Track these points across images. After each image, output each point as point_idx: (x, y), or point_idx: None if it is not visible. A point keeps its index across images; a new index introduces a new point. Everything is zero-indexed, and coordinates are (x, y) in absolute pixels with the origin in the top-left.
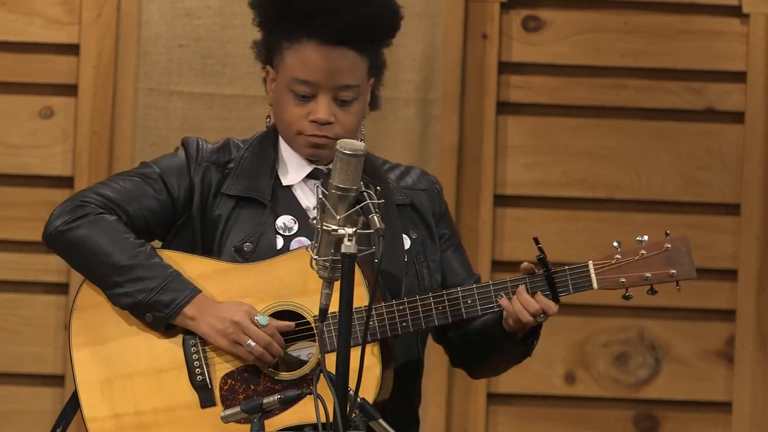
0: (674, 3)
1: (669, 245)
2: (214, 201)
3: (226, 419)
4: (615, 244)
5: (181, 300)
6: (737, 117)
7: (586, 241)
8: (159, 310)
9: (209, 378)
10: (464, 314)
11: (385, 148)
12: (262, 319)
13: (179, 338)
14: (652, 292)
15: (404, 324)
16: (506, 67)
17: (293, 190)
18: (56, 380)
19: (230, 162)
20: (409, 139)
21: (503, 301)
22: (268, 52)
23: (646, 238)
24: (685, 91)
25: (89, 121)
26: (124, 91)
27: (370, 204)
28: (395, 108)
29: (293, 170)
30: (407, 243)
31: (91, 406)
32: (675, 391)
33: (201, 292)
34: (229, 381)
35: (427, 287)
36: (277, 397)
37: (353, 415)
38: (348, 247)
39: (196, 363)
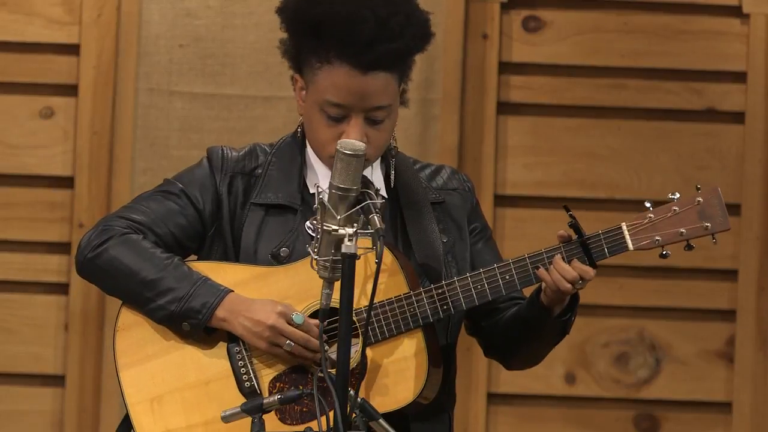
0: (674, 3)
1: (700, 199)
2: (242, 211)
3: (226, 419)
4: (647, 204)
5: (213, 303)
6: (737, 117)
7: None
8: (193, 317)
9: (257, 384)
10: (503, 290)
11: None
12: (298, 318)
13: (223, 347)
14: (689, 248)
15: (445, 307)
16: (506, 67)
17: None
18: (56, 380)
19: (257, 168)
20: (409, 139)
21: (541, 272)
22: (297, 61)
23: (677, 195)
24: (685, 91)
25: (89, 121)
26: (124, 91)
27: (370, 204)
28: None
29: (320, 177)
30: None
31: (142, 425)
32: (675, 391)
33: (232, 292)
34: (278, 384)
35: None
36: (277, 397)
37: (353, 415)
38: (348, 247)
39: (242, 370)
